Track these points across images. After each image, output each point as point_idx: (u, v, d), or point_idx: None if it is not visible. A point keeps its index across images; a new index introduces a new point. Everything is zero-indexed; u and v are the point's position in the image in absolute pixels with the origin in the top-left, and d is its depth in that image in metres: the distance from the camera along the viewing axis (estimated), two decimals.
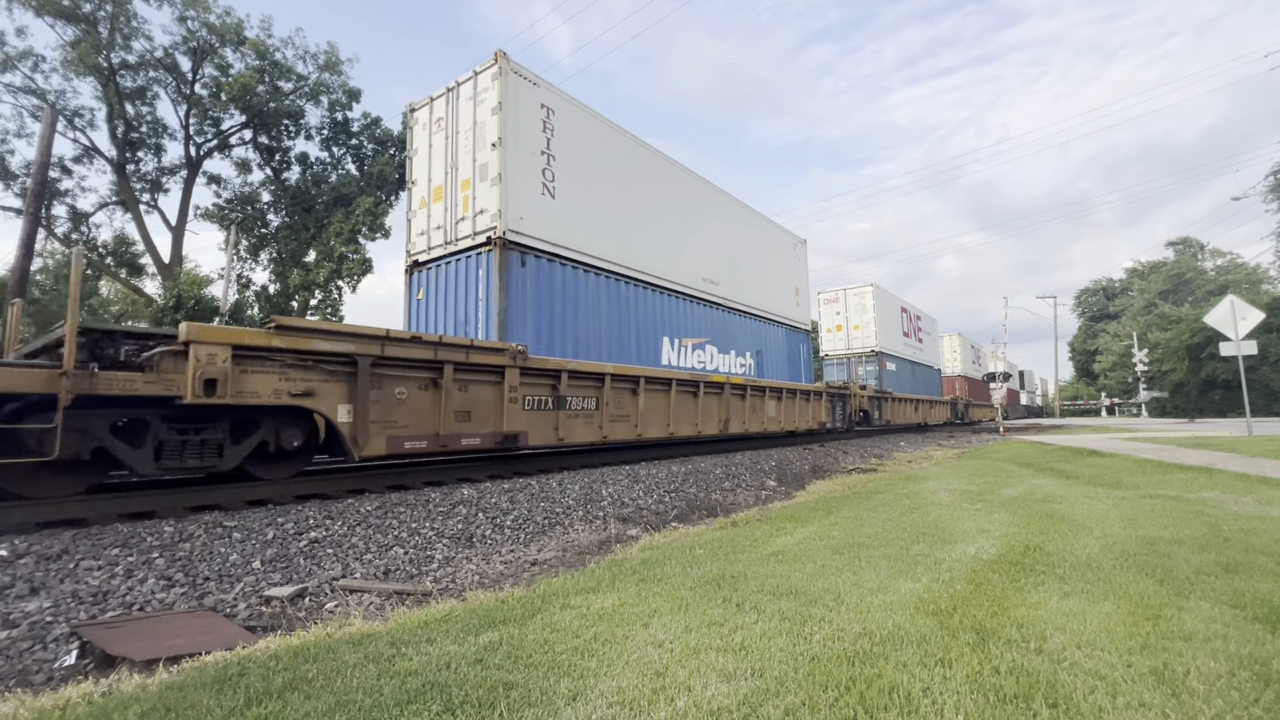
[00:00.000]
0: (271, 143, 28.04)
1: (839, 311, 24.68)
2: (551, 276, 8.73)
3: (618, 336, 9.83)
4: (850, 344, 23.86)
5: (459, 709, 1.87)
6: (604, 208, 9.90)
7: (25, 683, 2.48)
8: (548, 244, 8.70)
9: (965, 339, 38.56)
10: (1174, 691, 1.92)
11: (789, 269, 16.56)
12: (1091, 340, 67.24)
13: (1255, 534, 4.10)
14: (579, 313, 9.12)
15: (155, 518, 4.32)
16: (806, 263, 17.86)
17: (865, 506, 5.82)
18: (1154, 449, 11.48)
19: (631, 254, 10.34)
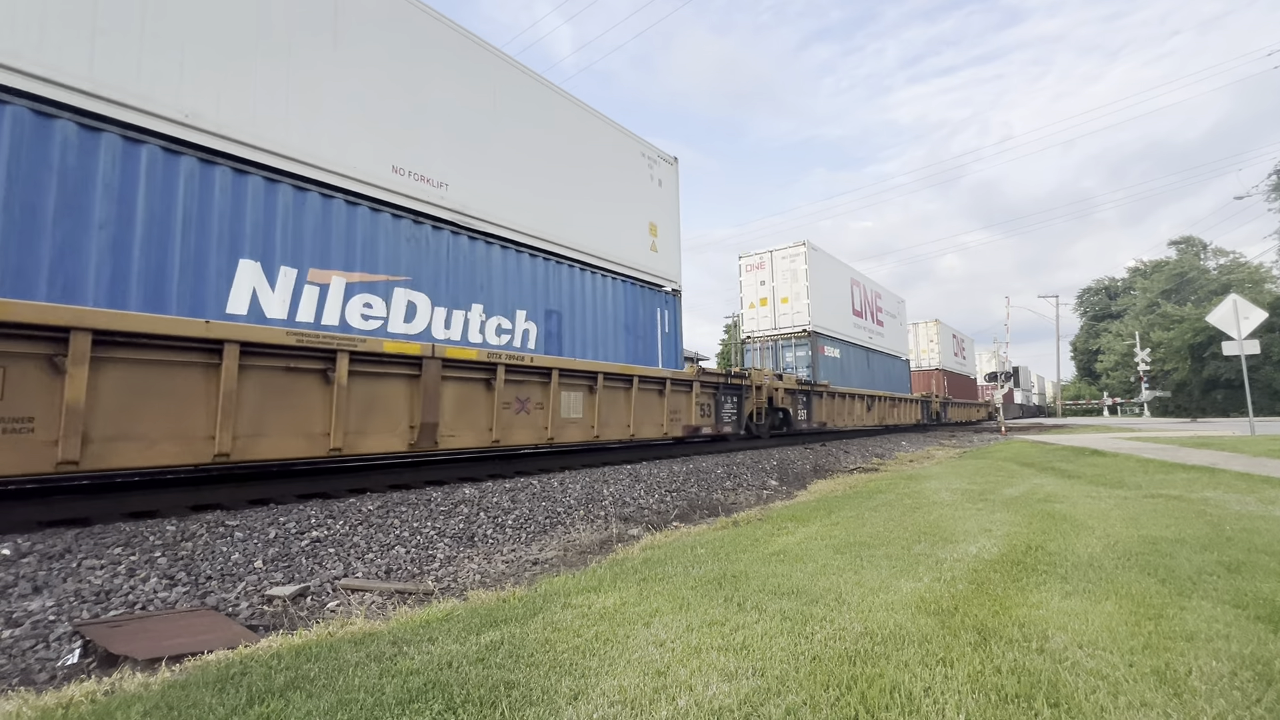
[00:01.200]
0: None
1: (764, 280, 18.33)
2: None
3: None
4: (777, 322, 17.86)
5: (460, 708, 1.87)
6: None
7: (28, 681, 2.48)
8: None
9: (944, 326, 32.65)
10: (1176, 691, 1.92)
11: (640, 195, 10.48)
12: (1094, 340, 67.12)
13: (1258, 534, 4.10)
14: None
15: (158, 517, 4.33)
16: (677, 192, 11.40)
17: (867, 506, 5.82)
18: (1156, 448, 11.45)
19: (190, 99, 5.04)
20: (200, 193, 5.07)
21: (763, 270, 18.42)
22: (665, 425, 9.07)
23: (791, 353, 17.42)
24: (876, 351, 22.21)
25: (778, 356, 17.63)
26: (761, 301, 18.35)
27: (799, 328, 17.46)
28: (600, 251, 9.39)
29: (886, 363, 23.28)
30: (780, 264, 18.09)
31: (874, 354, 21.95)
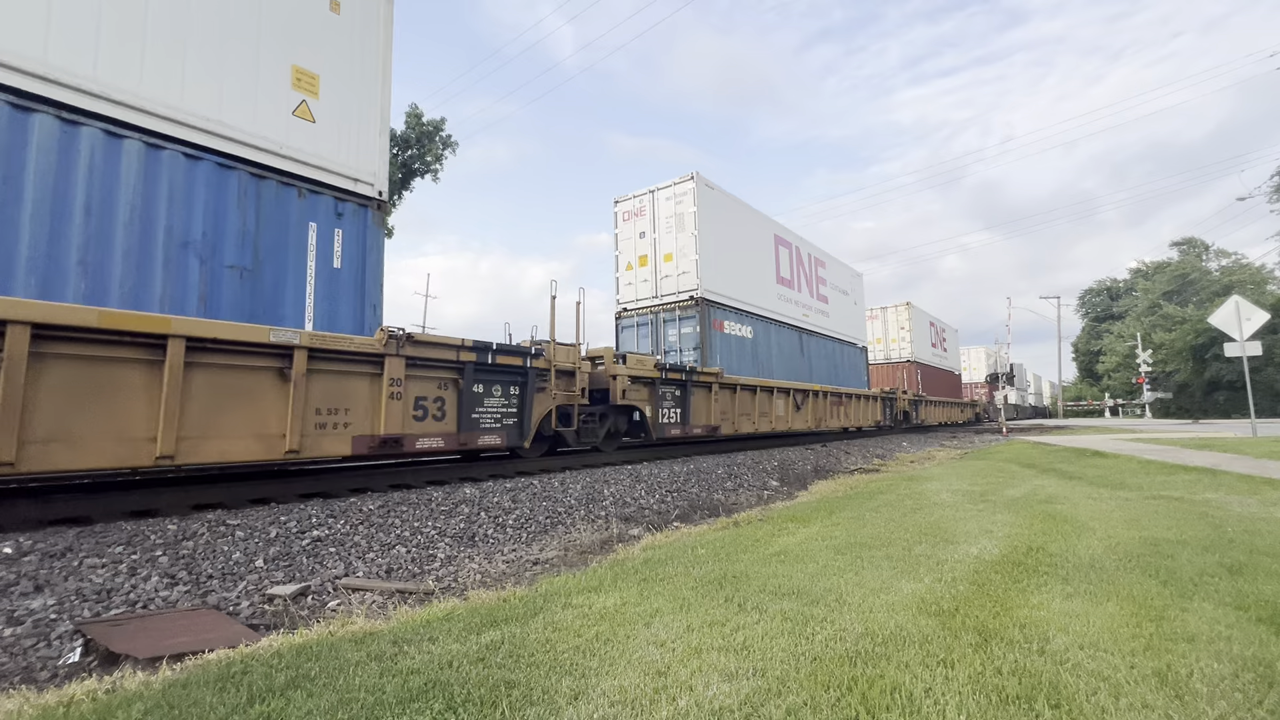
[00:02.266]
0: None
1: (644, 232, 13.21)
2: None
3: None
4: (659, 288, 12.90)
5: (461, 707, 1.87)
6: None
7: (30, 680, 2.49)
8: None
9: (919, 311, 28.07)
10: (1177, 693, 1.91)
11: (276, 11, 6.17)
12: (1095, 341, 67.01)
13: (1259, 535, 4.09)
14: None
15: (159, 516, 4.33)
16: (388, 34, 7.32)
17: (868, 507, 5.81)
18: (1158, 450, 11.44)
19: None
20: None
21: (643, 218, 13.17)
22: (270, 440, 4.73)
23: (676, 329, 12.43)
24: (816, 334, 17.29)
25: (658, 335, 12.70)
26: (641, 261, 13.23)
27: (685, 294, 12.29)
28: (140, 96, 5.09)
29: (831, 350, 18.32)
30: (663, 207, 12.80)
31: (812, 337, 17.00)
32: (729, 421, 10.93)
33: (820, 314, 17.88)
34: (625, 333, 13.58)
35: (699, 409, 10.17)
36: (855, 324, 20.89)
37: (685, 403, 9.74)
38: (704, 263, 12.48)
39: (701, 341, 12.11)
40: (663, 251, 12.94)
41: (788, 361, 15.60)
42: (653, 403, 9.14)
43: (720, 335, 12.70)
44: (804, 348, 16.62)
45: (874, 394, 18.66)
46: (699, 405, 10.19)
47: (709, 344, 12.22)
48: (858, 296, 21.58)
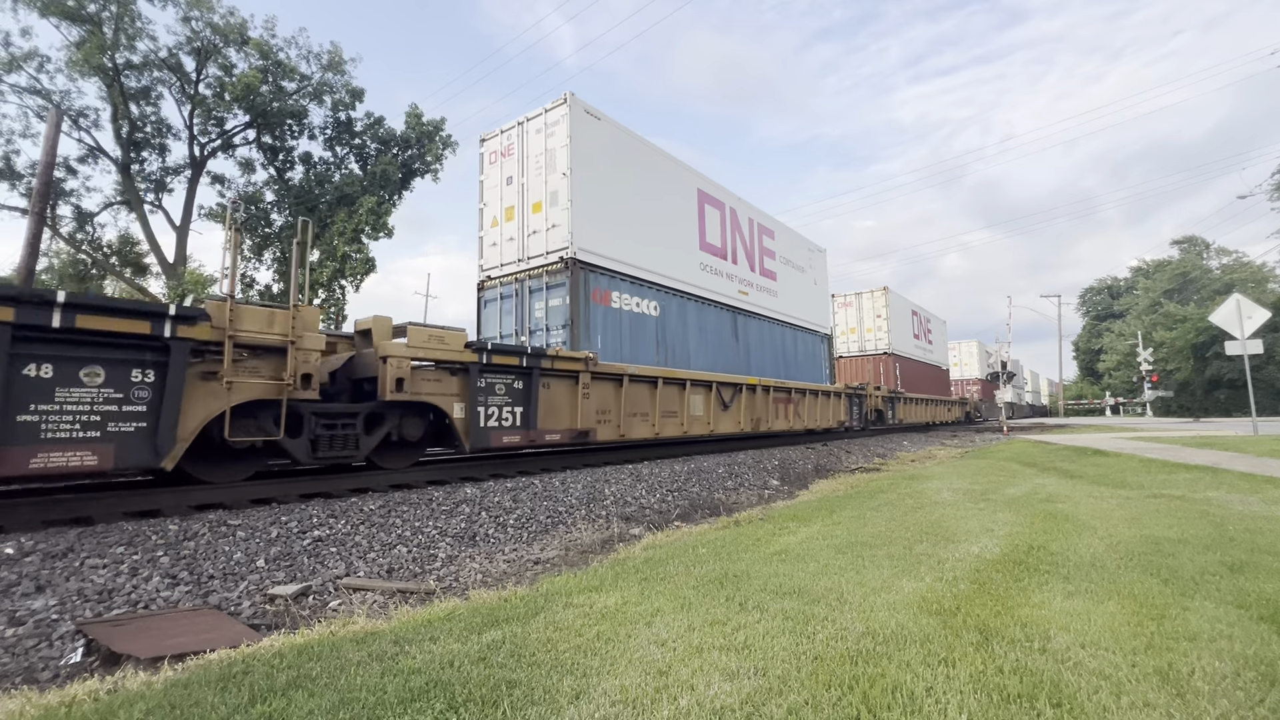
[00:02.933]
0: (275, 142, 28.08)
1: (512, 176, 10.14)
2: None
3: None
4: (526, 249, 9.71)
5: (462, 707, 1.88)
6: None
7: (31, 680, 2.49)
8: None
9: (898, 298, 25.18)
10: (1179, 691, 1.91)
11: None
12: (1096, 339, 66.97)
13: (1261, 534, 4.09)
14: None
15: (160, 516, 4.34)
16: None
17: (868, 506, 5.81)
18: (1159, 448, 11.43)
19: None
20: None
21: (510, 158, 9.97)
22: None
23: (542, 302, 9.26)
24: (757, 316, 13.92)
25: (524, 310, 9.54)
26: (507, 214, 9.97)
27: (554, 255, 9.11)
28: None
29: (779, 336, 14.93)
30: (533, 143, 9.66)
31: (752, 319, 13.68)
32: (609, 423, 8.16)
33: (765, 293, 14.48)
34: (489, 308, 10.26)
35: (556, 407, 7.41)
36: (816, 307, 17.55)
37: (529, 398, 6.99)
38: (580, 213, 9.09)
39: (573, 317, 8.84)
40: (531, 200, 9.59)
41: (715, 349, 12.20)
42: (467, 398, 6.36)
43: (605, 310, 9.45)
44: (741, 332, 13.19)
45: (836, 390, 15.89)
46: (556, 402, 7.42)
47: (585, 321, 9.01)
48: (819, 275, 18.01)
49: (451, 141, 29.02)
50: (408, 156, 29.01)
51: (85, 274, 26.82)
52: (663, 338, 10.77)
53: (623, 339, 9.76)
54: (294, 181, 28.93)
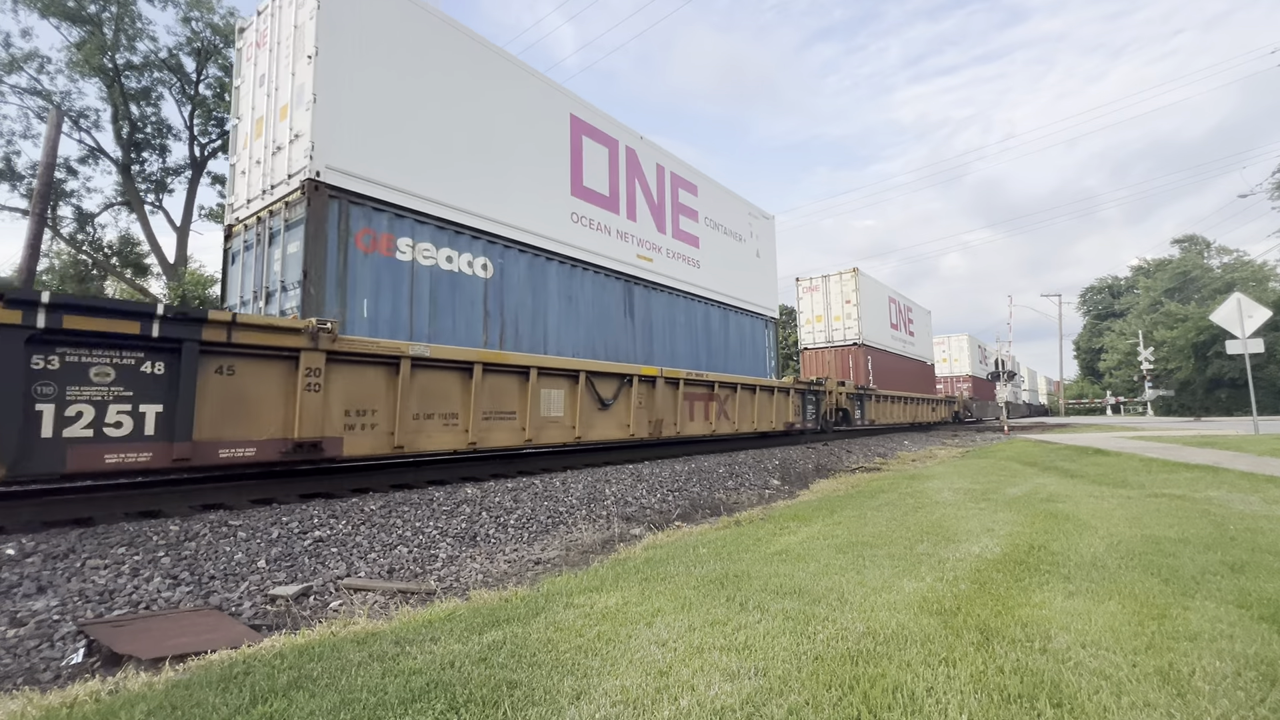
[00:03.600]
0: None
1: (264, 75, 7.34)
2: None
3: None
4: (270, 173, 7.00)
5: (463, 708, 1.88)
6: None
7: (33, 680, 2.49)
8: None
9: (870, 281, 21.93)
10: (1179, 691, 1.91)
11: None
12: (1097, 338, 67.00)
13: (1262, 533, 4.08)
14: None
15: (161, 516, 4.34)
16: None
17: (869, 505, 5.81)
18: (1159, 448, 11.42)
19: None
20: None
21: (264, 48, 7.52)
22: None
23: (280, 249, 6.73)
24: (667, 290, 11.50)
25: (263, 263, 7.01)
26: (257, 129, 7.45)
27: (295, 178, 6.56)
28: None
29: (704, 317, 12.58)
30: (285, 21, 7.10)
31: (657, 293, 11.25)
32: (373, 429, 5.42)
33: (676, 261, 11.78)
34: (234, 264, 7.71)
35: (250, 404, 4.66)
36: (755, 284, 14.69)
37: (177, 390, 4.24)
38: (329, 114, 6.54)
39: (309, 268, 6.26)
40: (279, 104, 7.05)
41: (593, 328, 9.74)
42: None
43: (381, 262, 6.91)
44: (636, 308, 10.71)
45: (784, 385, 12.86)
46: (251, 396, 4.67)
47: (337, 275, 6.48)
48: (763, 247, 15.16)
49: None
50: None
51: (86, 275, 26.86)
52: (498, 309, 8.17)
53: (419, 306, 7.20)
54: None
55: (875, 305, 22.17)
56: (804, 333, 22.00)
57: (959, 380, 35.30)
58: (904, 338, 25.02)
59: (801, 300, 22.12)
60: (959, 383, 35.04)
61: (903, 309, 25.47)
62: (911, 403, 22.07)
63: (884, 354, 22.28)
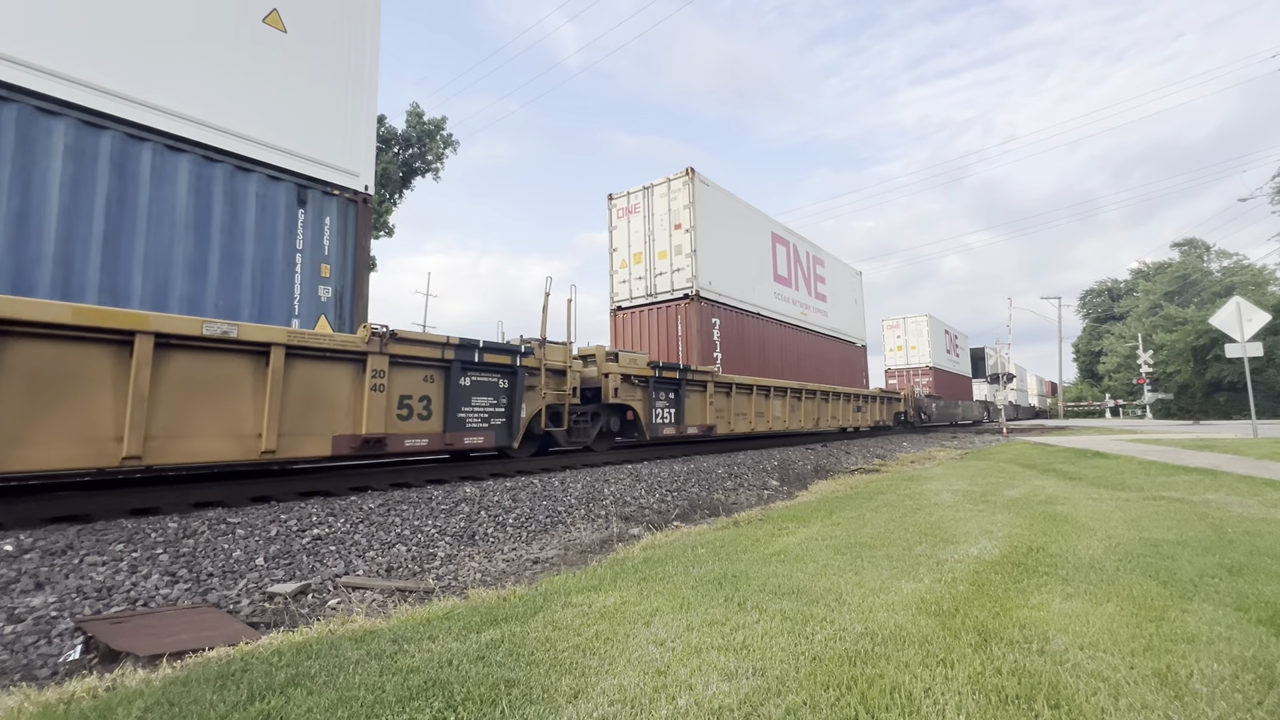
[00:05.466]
0: None
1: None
2: None
3: None
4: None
5: (461, 706, 1.88)
6: None
7: (30, 677, 2.49)
8: None
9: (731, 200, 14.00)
10: (1177, 694, 1.91)
11: None
12: (1096, 341, 67.07)
13: (1260, 536, 4.09)
14: None
15: (159, 514, 4.34)
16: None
17: (868, 507, 5.81)
18: (1158, 451, 11.43)
19: None
20: None
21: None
22: None
23: None
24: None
25: None
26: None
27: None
28: None
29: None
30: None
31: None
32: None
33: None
34: None
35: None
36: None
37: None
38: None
39: None
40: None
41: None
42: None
43: None
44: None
45: None
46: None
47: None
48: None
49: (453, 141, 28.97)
50: (409, 155, 29.00)
51: None
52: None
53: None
54: None
55: (732, 237, 13.62)
56: (618, 281, 13.45)
57: (918, 373, 28.55)
58: (806, 301, 16.85)
59: (616, 230, 13.46)
60: (918, 376, 28.44)
61: (803, 257, 17.10)
62: (808, 399, 13.92)
63: (754, 319, 14.08)
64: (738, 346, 13.27)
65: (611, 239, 13.72)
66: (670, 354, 12.26)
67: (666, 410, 9.37)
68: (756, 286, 14.55)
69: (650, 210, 13.05)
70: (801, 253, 17.34)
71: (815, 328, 17.37)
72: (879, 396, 18.94)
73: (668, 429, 9.30)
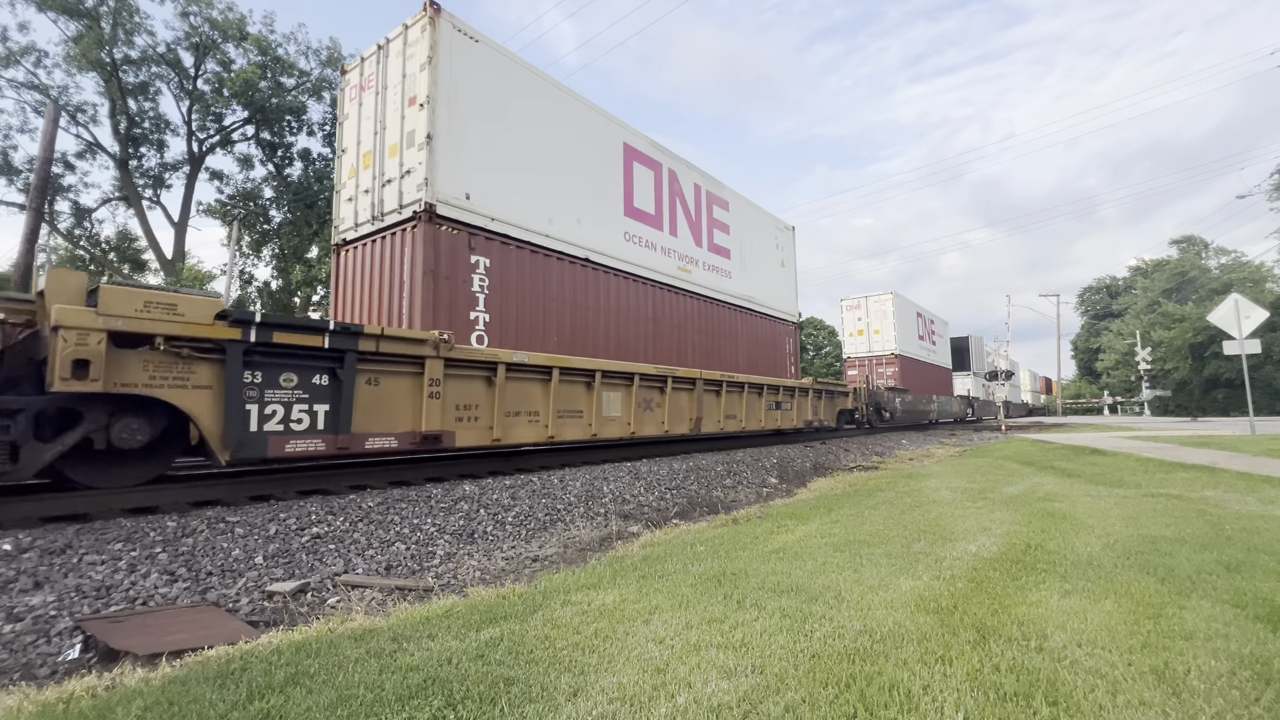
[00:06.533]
0: (273, 138, 28.05)
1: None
2: None
3: None
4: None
5: (460, 704, 1.88)
6: None
7: (29, 676, 2.49)
8: None
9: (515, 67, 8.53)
10: (1174, 690, 1.92)
11: None
12: (1094, 338, 67.14)
13: (1257, 533, 4.10)
14: None
15: (158, 513, 4.33)
16: None
17: (866, 504, 5.82)
18: (1156, 447, 11.45)
19: None
20: None
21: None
22: None
23: None
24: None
25: None
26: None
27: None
28: None
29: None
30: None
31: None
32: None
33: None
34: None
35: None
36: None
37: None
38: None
39: None
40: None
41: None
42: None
43: None
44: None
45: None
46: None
47: None
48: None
49: None
50: None
51: (83, 270, 26.80)
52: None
53: None
54: (293, 178, 28.89)
55: (531, 135, 8.88)
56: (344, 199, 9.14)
57: (881, 362, 24.49)
58: (691, 253, 12.02)
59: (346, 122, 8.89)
60: (881, 365, 24.39)
61: (686, 190, 12.11)
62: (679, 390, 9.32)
63: (579, 269, 9.39)
64: (532, 305, 8.44)
65: (341, 135, 8.86)
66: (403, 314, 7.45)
67: (303, 408, 4.87)
68: (586, 218, 9.43)
69: (384, 81, 8.12)
70: (684, 184, 11.94)
71: (707, 292, 12.27)
72: (814, 390, 14.15)
73: (301, 441, 4.83)
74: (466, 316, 7.53)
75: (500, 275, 8.03)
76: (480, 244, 7.81)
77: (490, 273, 7.90)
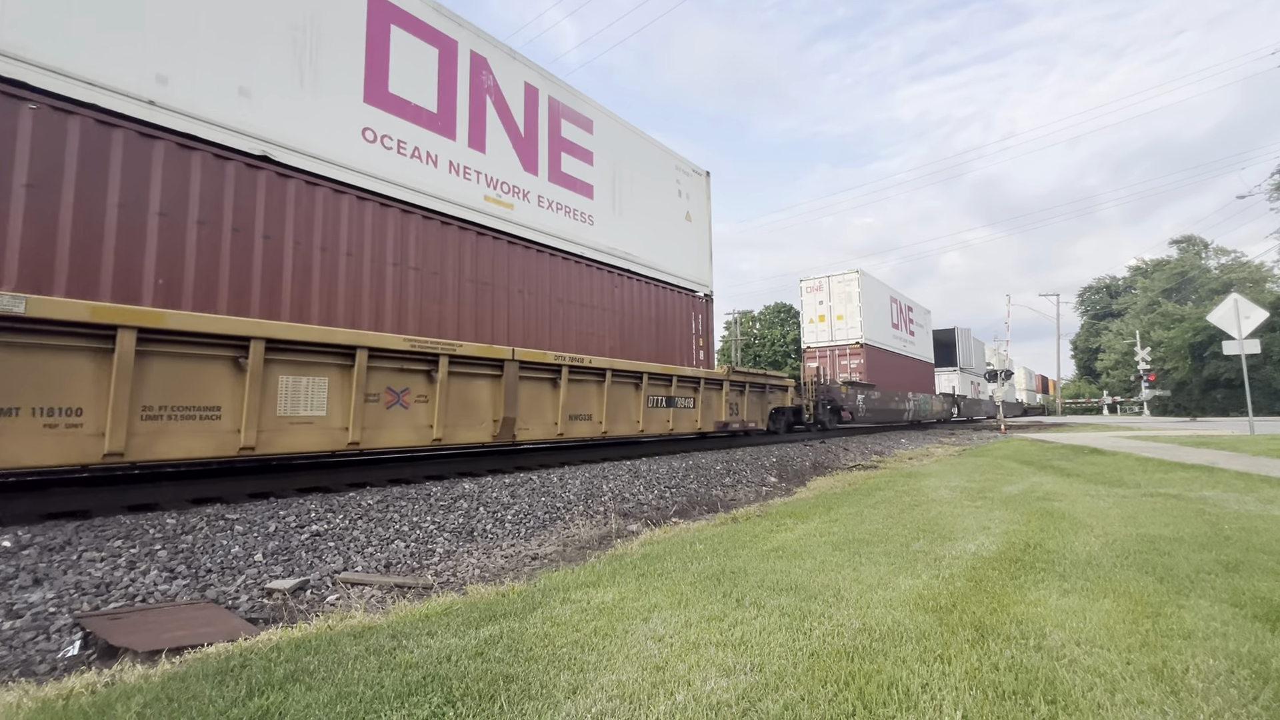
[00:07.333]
0: None
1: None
2: None
3: None
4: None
5: (459, 701, 1.88)
6: None
7: (29, 672, 2.49)
8: None
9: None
10: (1173, 689, 1.92)
11: None
12: (1094, 338, 67.20)
13: (1256, 533, 4.10)
14: None
15: (158, 510, 4.33)
16: None
17: (866, 503, 5.82)
18: (1155, 447, 11.46)
19: None
20: None
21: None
22: None
23: None
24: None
25: None
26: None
27: None
28: None
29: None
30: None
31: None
32: None
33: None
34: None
35: None
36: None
37: None
38: None
39: None
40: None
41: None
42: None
43: None
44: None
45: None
46: None
47: None
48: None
49: None
50: None
51: None
52: None
53: None
54: None
55: None
56: None
57: (844, 352, 20.75)
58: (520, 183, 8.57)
59: None
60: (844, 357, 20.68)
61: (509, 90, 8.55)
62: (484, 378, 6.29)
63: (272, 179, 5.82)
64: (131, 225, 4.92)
65: None
66: None
67: None
68: (266, 92, 5.89)
69: None
70: (502, 80, 8.43)
71: (546, 239, 8.87)
72: (731, 382, 10.88)
73: None
74: None
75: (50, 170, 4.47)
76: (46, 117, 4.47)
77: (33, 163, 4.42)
